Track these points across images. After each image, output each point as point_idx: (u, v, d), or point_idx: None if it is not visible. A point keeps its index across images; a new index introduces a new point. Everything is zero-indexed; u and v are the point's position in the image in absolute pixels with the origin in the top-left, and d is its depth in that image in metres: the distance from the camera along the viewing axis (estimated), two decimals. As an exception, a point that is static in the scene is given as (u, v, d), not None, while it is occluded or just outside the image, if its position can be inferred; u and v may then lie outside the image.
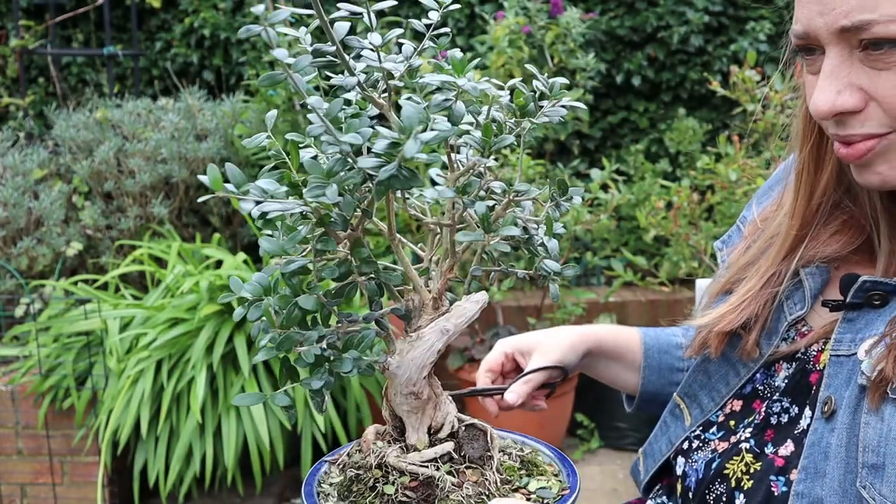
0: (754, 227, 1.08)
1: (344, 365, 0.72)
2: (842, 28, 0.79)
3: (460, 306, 0.80)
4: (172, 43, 4.88)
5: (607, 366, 1.24)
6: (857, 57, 0.81)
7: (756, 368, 1.00)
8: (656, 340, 1.25)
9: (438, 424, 0.81)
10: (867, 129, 0.83)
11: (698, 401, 1.06)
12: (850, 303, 0.91)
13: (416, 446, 0.81)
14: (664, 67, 4.69)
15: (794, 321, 0.98)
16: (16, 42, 4.37)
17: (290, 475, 3.35)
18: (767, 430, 0.95)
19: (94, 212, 3.69)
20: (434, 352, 0.78)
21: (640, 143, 4.56)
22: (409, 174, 0.66)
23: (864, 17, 0.77)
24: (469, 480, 0.78)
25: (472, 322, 0.79)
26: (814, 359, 0.95)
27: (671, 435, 1.09)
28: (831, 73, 0.82)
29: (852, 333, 0.90)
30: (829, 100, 0.82)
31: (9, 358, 3.36)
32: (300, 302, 0.69)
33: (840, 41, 0.81)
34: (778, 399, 0.96)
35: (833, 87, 0.82)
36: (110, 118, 3.87)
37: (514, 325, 3.54)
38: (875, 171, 0.85)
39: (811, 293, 0.97)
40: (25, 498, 3.23)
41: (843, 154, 0.85)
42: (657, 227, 3.65)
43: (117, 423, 2.92)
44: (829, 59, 0.82)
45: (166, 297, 3.27)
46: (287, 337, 0.70)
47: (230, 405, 2.95)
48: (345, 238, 0.74)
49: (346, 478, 0.82)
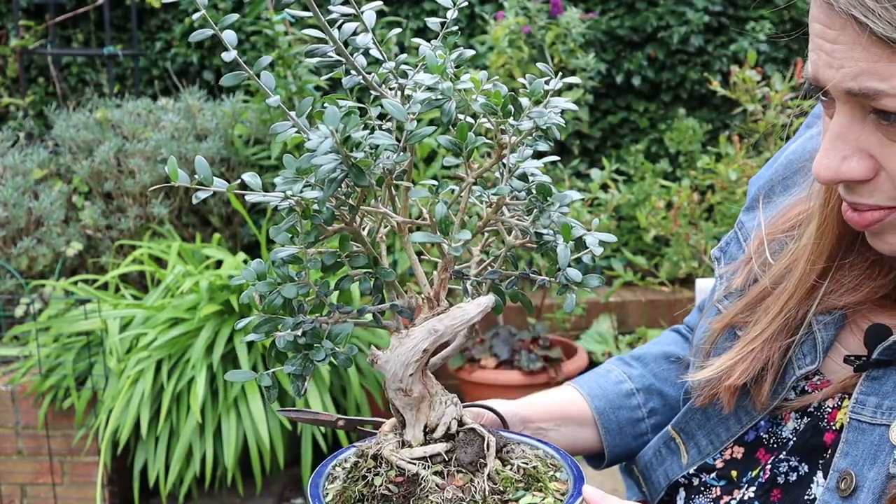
0: (761, 244, 0.95)
1: (317, 354, 0.75)
2: (848, 91, 0.70)
3: (461, 308, 0.79)
4: (172, 43, 4.88)
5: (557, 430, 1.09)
6: (871, 120, 0.72)
7: (760, 417, 0.92)
8: (605, 399, 1.11)
9: (433, 424, 0.81)
10: (876, 199, 0.74)
11: (696, 440, 0.98)
12: (875, 360, 0.81)
13: (411, 443, 0.81)
14: (664, 67, 4.69)
15: (804, 375, 0.88)
16: (16, 42, 4.37)
17: (290, 475, 3.35)
18: (773, 490, 0.88)
19: (94, 212, 3.69)
20: (419, 351, 0.78)
21: (640, 143, 4.56)
22: (357, 172, 0.70)
23: (872, 86, 0.68)
24: (454, 484, 0.77)
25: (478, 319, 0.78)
26: (829, 416, 0.85)
27: (667, 469, 1.02)
28: (839, 136, 0.73)
29: (878, 397, 0.80)
30: (833, 166, 0.74)
31: (9, 358, 3.36)
32: (282, 290, 0.73)
33: (851, 102, 0.72)
34: (786, 458, 0.88)
35: (839, 152, 0.73)
36: (110, 118, 3.87)
37: (514, 326, 3.54)
38: (885, 240, 0.78)
39: (823, 346, 0.87)
40: (25, 498, 3.23)
41: (850, 219, 0.77)
42: (657, 227, 3.65)
43: (117, 423, 2.92)
44: (838, 118, 0.74)
45: (166, 297, 3.27)
46: (266, 321, 0.75)
47: (230, 405, 2.95)
48: (333, 232, 0.76)
49: (352, 464, 0.84)
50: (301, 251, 0.74)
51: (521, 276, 0.77)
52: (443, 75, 0.72)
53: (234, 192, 0.72)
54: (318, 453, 3.10)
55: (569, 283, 0.72)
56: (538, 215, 0.74)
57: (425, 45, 0.76)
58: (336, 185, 0.70)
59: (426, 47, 0.76)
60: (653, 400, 1.13)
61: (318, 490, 0.81)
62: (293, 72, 3.70)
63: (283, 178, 0.71)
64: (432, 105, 0.71)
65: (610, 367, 1.17)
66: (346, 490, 0.81)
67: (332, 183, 0.69)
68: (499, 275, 0.78)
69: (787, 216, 0.96)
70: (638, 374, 1.14)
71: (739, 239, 1.03)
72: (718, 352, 0.95)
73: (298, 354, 0.76)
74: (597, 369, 1.18)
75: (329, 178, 0.69)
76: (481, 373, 3.32)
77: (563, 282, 0.72)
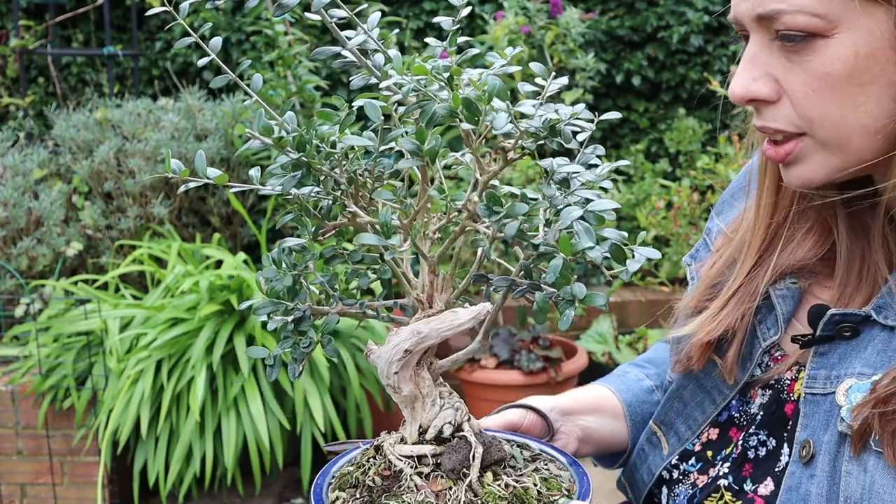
0: (723, 238, 1.04)
1: (304, 340, 0.80)
2: (758, 16, 0.79)
3: (454, 313, 0.79)
4: (172, 43, 4.88)
5: (595, 420, 1.12)
6: (777, 46, 0.80)
7: (732, 395, 0.97)
8: (630, 393, 1.16)
9: (426, 426, 0.81)
10: (780, 124, 0.82)
11: (675, 428, 1.03)
12: (820, 336, 0.88)
13: (407, 439, 0.82)
14: (664, 67, 4.69)
15: (769, 347, 0.95)
16: (16, 42, 4.37)
17: (290, 475, 3.35)
18: (745, 465, 0.92)
19: (94, 212, 3.69)
20: (400, 350, 0.78)
21: (640, 143, 4.56)
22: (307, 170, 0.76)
23: (774, 7, 0.77)
24: (431, 489, 0.77)
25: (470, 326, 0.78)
26: (788, 388, 0.92)
27: (650, 464, 1.05)
28: (751, 60, 0.82)
29: (826, 370, 0.86)
30: (744, 85, 0.82)
31: (9, 358, 3.37)
32: (279, 279, 0.79)
33: (760, 28, 0.81)
34: (754, 432, 0.93)
35: (750, 74, 0.82)
36: (110, 118, 3.87)
37: (514, 326, 3.54)
38: (796, 173, 0.84)
39: (784, 317, 0.94)
40: (25, 498, 3.23)
41: (770, 155, 0.85)
42: (657, 227, 3.65)
43: (117, 423, 2.92)
44: (750, 46, 0.83)
45: (166, 297, 3.27)
46: (264, 304, 0.80)
47: (230, 405, 2.95)
48: (332, 227, 0.78)
49: (361, 452, 0.87)
50: (309, 242, 0.78)
51: (531, 287, 0.75)
52: (428, 76, 0.72)
53: (225, 184, 0.74)
54: (318, 453, 3.11)
55: (572, 299, 0.69)
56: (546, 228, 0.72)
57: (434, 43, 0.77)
58: (294, 180, 0.74)
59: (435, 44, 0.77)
60: None
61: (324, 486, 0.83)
62: (293, 72, 3.70)
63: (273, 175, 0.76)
64: (411, 108, 0.71)
65: (626, 369, 1.22)
66: (346, 474, 0.84)
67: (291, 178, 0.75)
68: (511, 282, 0.77)
69: (737, 217, 1.04)
70: (654, 373, 1.19)
71: (707, 242, 1.10)
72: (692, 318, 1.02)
73: (290, 338, 0.81)
74: (613, 373, 1.23)
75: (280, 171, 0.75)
76: (481, 373, 3.32)
77: (568, 297, 0.70)
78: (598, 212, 0.68)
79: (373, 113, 0.73)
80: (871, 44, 0.76)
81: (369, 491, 0.78)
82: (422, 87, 0.71)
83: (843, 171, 0.82)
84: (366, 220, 0.78)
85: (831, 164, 0.82)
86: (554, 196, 0.71)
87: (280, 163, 0.76)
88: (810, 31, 0.76)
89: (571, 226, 0.67)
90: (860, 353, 0.84)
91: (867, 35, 0.76)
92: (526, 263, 0.75)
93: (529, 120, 0.71)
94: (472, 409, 0.87)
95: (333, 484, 0.83)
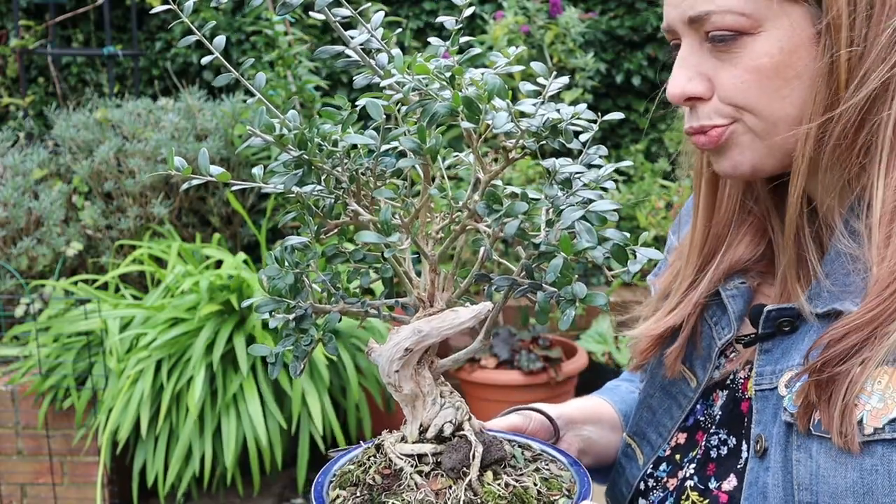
0: (676, 252, 1.09)
1: (305, 338, 0.81)
2: (690, 19, 0.84)
3: (454, 312, 0.79)
4: (172, 43, 4.88)
5: (596, 430, 1.14)
6: (707, 48, 0.85)
7: (695, 399, 1.00)
8: (625, 404, 1.20)
9: (426, 425, 0.81)
10: (714, 119, 0.86)
11: (647, 438, 1.05)
12: (762, 335, 0.90)
13: (407, 438, 0.82)
14: (664, 67, 4.68)
15: (724, 347, 0.97)
16: (16, 42, 4.37)
17: (289, 475, 3.35)
18: (709, 465, 0.94)
19: (94, 212, 3.69)
20: (401, 349, 0.78)
21: (640, 143, 4.56)
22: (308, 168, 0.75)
23: (704, 8, 0.82)
24: (430, 488, 0.77)
25: (471, 325, 0.79)
26: (741, 386, 0.94)
27: (628, 476, 1.07)
28: (684, 62, 0.87)
29: (771, 365, 0.89)
30: (680, 84, 0.87)
31: (9, 358, 3.37)
32: (281, 277, 0.79)
33: (691, 32, 0.85)
34: (715, 432, 0.96)
35: (685, 74, 0.87)
36: (110, 118, 3.87)
37: (514, 326, 3.54)
38: (727, 157, 0.88)
39: (735, 316, 0.96)
40: (25, 498, 3.23)
41: (700, 143, 0.89)
42: (657, 227, 3.65)
43: (117, 422, 2.92)
44: (683, 49, 0.87)
45: (166, 297, 3.27)
46: (266, 302, 0.80)
47: (229, 405, 2.95)
48: (334, 226, 0.79)
49: (363, 450, 0.87)
50: (311, 241, 0.78)
51: (532, 287, 0.75)
52: (430, 75, 0.72)
53: (227, 181, 0.74)
54: (317, 454, 3.11)
55: (573, 298, 0.70)
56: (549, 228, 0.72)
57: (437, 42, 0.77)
58: (296, 178, 0.74)
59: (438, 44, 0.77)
60: None
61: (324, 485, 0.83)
62: (293, 72, 3.70)
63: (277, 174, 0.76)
64: (413, 107, 0.71)
65: (616, 383, 1.26)
66: (347, 472, 0.84)
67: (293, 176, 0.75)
68: (513, 282, 0.77)
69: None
70: None
71: (666, 258, 1.14)
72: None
73: (291, 336, 0.81)
74: (604, 388, 1.26)
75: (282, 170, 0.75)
76: (481, 373, 3.32)
77: (569, 297, 0.70)
78: (601, 212, 0.69)
79: (375, 111, 0.73)
80: (793, 40, 0.81)
81: (369, 489, 0.78)
82: (423, 86, 0.71)
83: (770, 158, 0.87)
84: (367, 219, 0.78)
85: (759, 148, 0.86)
86: (556, 196, 0.72)
87: (282, 160, 0.76)
88: (737, 29, 0.82)
89: (573, 225, 0.68)
90: (799, 346, 0.87)
91: (789, 31, 0.81)
92: (527, 263, 0.75)
93: (530, 119, 0.71)
94: (472, 408, 0.87)
95: (334, 482, 0.84)
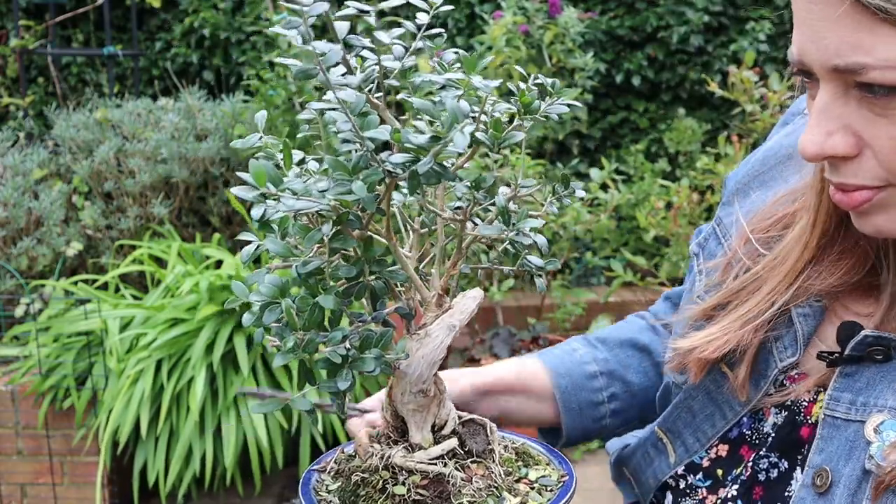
0: (744, 241, 0.95)
1: (366, 364, 0.70)
2: (834, 67, 0.69)
3: (461, 303, 0.80)
4: (172, 43, 4.88)
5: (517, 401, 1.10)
6: (854, 95, 0.71)
7: (743, 413, 0.92)
8: (569, 378, 1.11)
9: (442, 421, 0.81)
10: (861, 179, 0.73)
11: (682, 439, 0.98)
12: (848, 356, 0.81)
13: (422, 445, 0.81)
14: (664, 67, 4.69)
15: (786, 367, 0.89)
16: (16, 42, 4.38)
17: (289, 475, 3.35)
18: (755, 488, 0.88)
19: (94, 212, 3.69)
20: (444, 348, 0.78)
21: (640, 143, 4.56)
22: (441, 168, 0.66)
23: (857, 60, 0.68)
24: (476, 474, 0.78)
25: (472, 322, 0.79)
26: (805, 410, 0.86)
27: (655, 469, 1.02)
28: (823, 111, 0.72)
29: (851, 393, 0.81)
30: (818, 141, 0.72)
31: (9, 358, 3.37)
32: (321, 301, 0.68)
33: (834, 78, 0.71)
34: (766, 454, 0.88)
35: (823, 128, 0.72)
36: (110, 118, 3.87)
37: (514, 326, 3.54)
38: (871, 221, 0.77)
39: (804, 338, 0.87)
40: (25, 498, 3.23)
41: (839, 200, 0.77)
42: (657, 227, 3.66)
43: (117, 422, 2.92)
44: (822, 94, 0.73)
45: (166, 297, 3.28)
46: (311, 339, 0.69)
47: (230, 405, 2.95)
48: (358, 237, 0.73)
49: (349, 483, 0.81)
50: (327, 261, 0.69)
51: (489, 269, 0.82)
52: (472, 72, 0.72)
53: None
54: (317, 454, 3.10)
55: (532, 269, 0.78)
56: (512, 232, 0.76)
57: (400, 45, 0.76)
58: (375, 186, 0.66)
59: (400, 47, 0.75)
60: (614, 385, 1.13)
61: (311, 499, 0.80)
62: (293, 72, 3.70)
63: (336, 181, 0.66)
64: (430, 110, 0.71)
65: (576, 345, 1.17)
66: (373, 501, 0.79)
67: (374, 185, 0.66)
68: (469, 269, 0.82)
69: (768, 213, 0.96)
70: (602, 358, 1.14)
71: (718, 235, 1.03)
72: (698, 328, 0.95)
73: (343, 369, 0.70)
74: (562, 344, 1.18)
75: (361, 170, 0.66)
76: (481, 373, 3.32)
77: (528, 269, 0.78)
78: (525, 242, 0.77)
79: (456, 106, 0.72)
80: None
81: None
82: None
83: None
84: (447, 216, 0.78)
85: None
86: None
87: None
88: None
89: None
90: (891, 380, 0.79)
91: None
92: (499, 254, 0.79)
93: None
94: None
95: None
